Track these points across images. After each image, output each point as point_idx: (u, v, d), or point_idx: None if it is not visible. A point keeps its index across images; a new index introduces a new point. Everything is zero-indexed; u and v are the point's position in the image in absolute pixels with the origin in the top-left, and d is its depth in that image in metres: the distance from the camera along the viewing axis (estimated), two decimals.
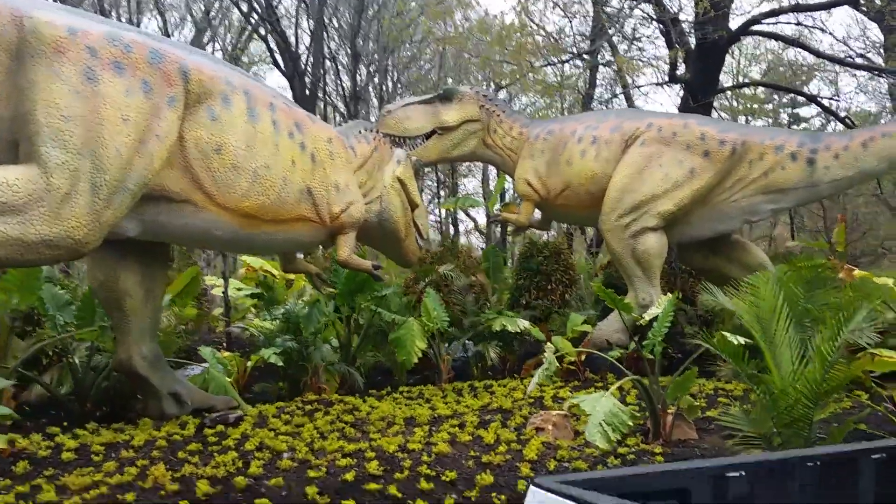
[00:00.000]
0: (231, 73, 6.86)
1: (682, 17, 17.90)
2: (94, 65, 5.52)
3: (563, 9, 18.55)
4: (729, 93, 23.44)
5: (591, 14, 19.73)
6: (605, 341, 9.77)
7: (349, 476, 5.10)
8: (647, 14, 18.85)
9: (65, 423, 7.03)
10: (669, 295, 7.29)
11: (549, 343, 8.17)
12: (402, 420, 7.16)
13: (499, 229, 21.71)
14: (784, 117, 30.36)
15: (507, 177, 13.04)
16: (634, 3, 17.68)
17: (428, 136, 11.20)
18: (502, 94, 26.55)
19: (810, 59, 21.59)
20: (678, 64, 16.39)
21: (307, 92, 22.26)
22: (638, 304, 9.87)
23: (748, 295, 6.10)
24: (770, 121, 29.71)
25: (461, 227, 31.82)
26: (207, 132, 6.34)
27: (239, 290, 10.88)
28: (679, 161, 9.97)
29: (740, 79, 24.56)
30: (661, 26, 17.50)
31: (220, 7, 26.19)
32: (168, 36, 25.86)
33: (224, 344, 11.05)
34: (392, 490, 4.99)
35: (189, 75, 6.20)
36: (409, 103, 11.32)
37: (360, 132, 8.61)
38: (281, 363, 8.53)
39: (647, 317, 7.11)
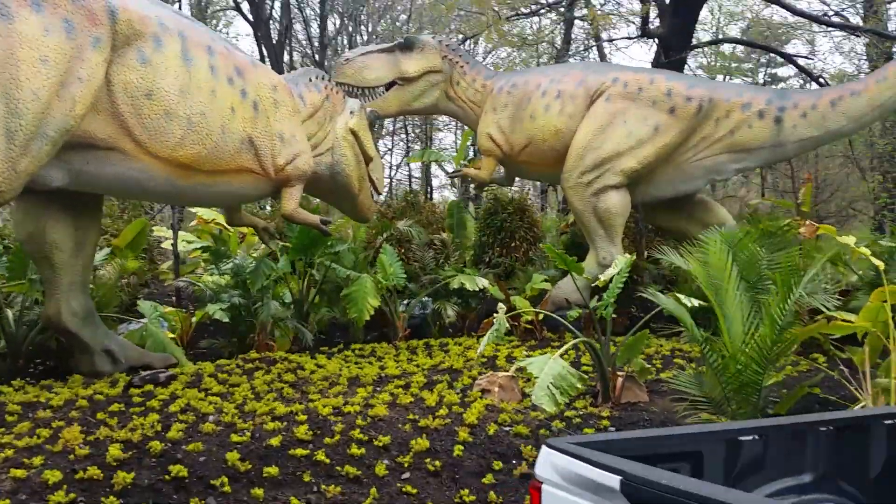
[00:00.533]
0: (166, 13, 6.42)
1: None
2: (7, 1, 5.10)
3: None
4: (707, 49, 23.01)
5: None
6: (565, 300, 9.56)
7: (275, 441, 4.84)
8: None
9: None
10: (627, 256, 7.06)
11: (501, 303, 7.92)
12: (345, 380, 6.91)
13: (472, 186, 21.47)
14: (762, 77, 30.03)
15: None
16: None
17: (388, 86, 10.79)
18: (481, 48, 25.95)
19: (790, 18, 21.23)
20: (650, 18, 15.94)
21: (273, 41, 21.49)
22: (599, 263, 9.67)
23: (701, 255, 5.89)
24: (749, 80, 29.36)
25: (435, 182, 31.43)
26: (137, 76, 5.94)
27: (189, 243, 10.49)
28: (644, 118, 9.68)
29: (719, 36, 24.10)
30: None
31: None
32: None
33: (174, 299, 10.71)
34: (320, 456, 4.75)
35: (117, 15, 5.78)
36: (367, 52, 10.87)
37: (310, 80, 8.20)
38: (227, 319, 8.23)
39: (603, 278, 6.88)
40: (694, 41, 18.21)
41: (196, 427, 5.09)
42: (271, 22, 22.48)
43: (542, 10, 16.91)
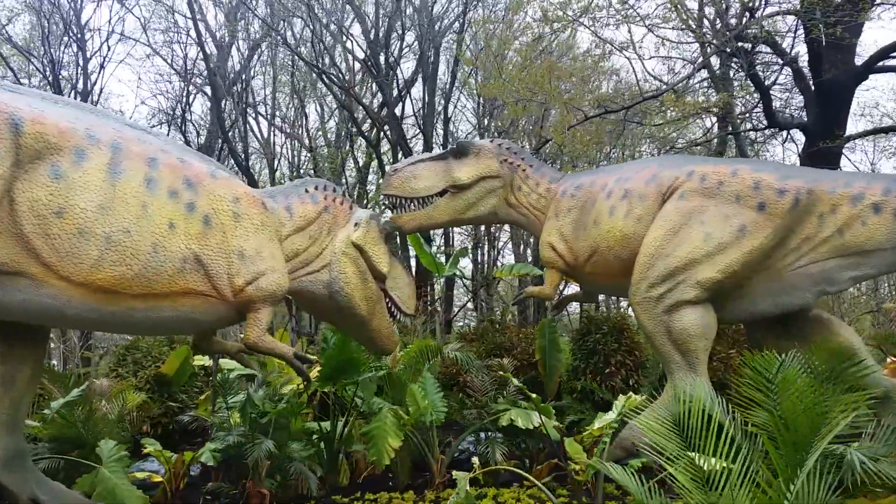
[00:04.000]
0: (102, 124, 5.87)
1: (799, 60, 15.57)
2: None
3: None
4: (866, 140, 20.22)
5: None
6: (633, 445, 7.70)
7: None
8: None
9: None
10: (633, 395, 5.34)
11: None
12: None
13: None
14: None
15: None
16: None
17: (440, 195, 9.76)
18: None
19: None
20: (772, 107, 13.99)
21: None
22: (678, 397, 7.75)
23: None
24: None
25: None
26: (47, 193, 5.35)
27: (231, 370, 9.80)
28: (725, 217, 7.90)
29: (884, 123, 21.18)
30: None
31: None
32: None
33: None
34: None
35: (22, 128, 5.28)
36: (418, 160, 9.95)
37: (306, 191, 7.38)
38: (212, 462, 7.25)
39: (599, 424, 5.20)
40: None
41: None
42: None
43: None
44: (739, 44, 12.13)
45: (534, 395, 8.18)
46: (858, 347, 7.98)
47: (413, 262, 21.02)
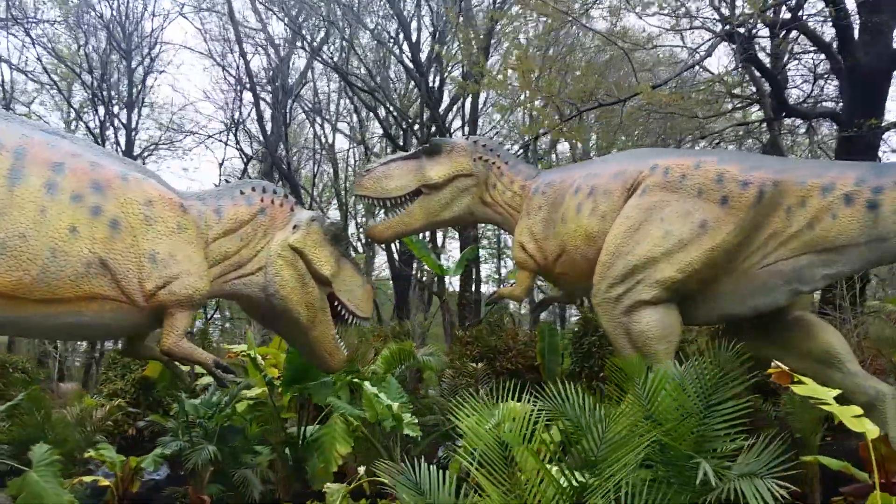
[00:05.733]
0: (10, 131, 5.90)
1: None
2: None
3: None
4: None
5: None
6: None
7: None
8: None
9: None
10: None
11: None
12: None
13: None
14: None
15: None
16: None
17: (414, 195, 9.54)
18: None
19: None
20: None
21: None
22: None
23: None
24: None
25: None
26: None
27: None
28: (687, 213, 7.40)
29: None
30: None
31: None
32: None
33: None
34: None
35: None
36: (391, 160, 9.75)
37: (241, 192, 7.29)
38: (152, 468, 7.25)
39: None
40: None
41: None
42: None
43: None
44: (740, 29, 11.40)
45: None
46: (839, 352, 7.36)
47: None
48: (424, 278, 22.32)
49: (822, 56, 15.28)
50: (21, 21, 24.93)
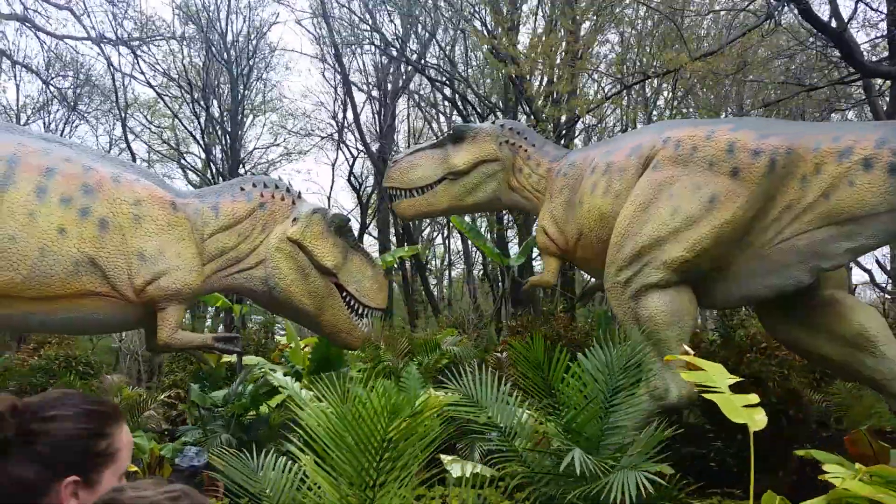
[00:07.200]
0: (4, 139, 6.35)
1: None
2: None
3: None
4: None
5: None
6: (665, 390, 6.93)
7: None
8: None
9: None
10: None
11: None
12: None
13: None
14: None
15: None
16: None
17: (440, 184, 9.44)
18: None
19: None
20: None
21: None
22: (650, 393, 6.91)
23: None
24: None
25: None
26: None
27: (254, 364, 10.19)
28: (695, 188, 6.90)
29: None
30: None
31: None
32: None
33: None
34: None
35: None
36: (417, 149, 9.70)
37: (241, 188, 7.49)
38: (169, 455, 7.59)
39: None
40: None
41: None
42: None
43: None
44: None
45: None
46: (873, 335, 6.64)
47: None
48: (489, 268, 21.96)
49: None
50: (137, 41, 26.70)
